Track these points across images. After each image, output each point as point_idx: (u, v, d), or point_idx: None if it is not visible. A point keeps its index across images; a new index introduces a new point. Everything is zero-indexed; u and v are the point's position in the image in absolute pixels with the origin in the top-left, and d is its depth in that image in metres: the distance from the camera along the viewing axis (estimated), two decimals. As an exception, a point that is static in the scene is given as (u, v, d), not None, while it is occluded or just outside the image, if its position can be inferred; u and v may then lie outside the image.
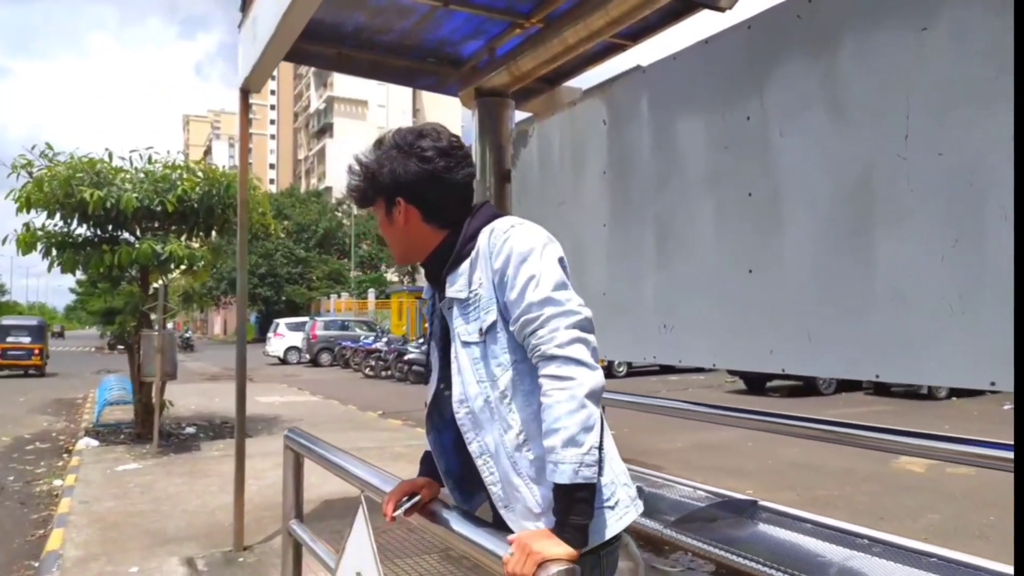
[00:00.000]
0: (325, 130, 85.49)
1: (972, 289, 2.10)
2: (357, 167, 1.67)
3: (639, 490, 1.60)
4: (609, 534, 1.48)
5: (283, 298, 46.02)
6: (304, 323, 28.69)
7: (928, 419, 11.12)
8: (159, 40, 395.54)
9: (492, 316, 1.51)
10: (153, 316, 8.75)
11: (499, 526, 1.59)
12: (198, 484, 6.57)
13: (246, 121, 4.47)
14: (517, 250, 1.48)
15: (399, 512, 1.75)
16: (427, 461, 1.81)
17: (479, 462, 1.56)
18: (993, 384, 2.06)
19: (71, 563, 4.38)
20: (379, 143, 1.65)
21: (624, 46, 4.59)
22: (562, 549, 1.32)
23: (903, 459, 7.67)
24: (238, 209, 4.58)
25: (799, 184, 2.65)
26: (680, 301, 3.13)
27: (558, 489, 1.37)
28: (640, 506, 1.59)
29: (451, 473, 1.72)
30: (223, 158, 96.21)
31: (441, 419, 1.70)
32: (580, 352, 1.40)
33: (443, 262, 1.61)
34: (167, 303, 8.35)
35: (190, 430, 9.63)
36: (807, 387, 14.85)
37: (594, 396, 1.39)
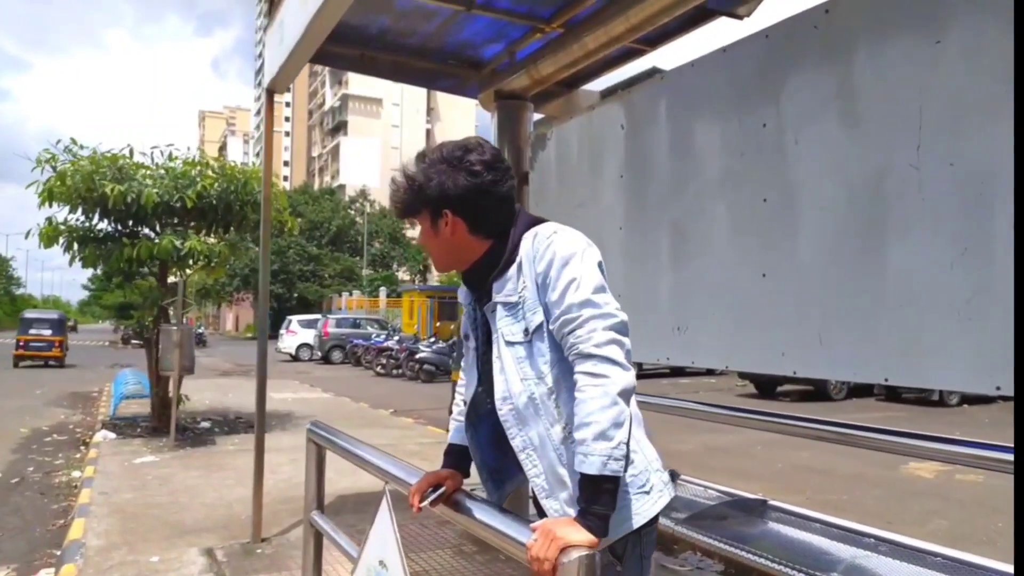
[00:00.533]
0: (339, 128, 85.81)
1: (980, 296, 2.15)
2: (403, 179, 1.71)
3: (672, 475, 1.68)
4: (647, 517, 1.57)
5: (295, 295, 46.29)
6: (316, 320, 28.86)
7: (939, 425, 11.10)
8: (176, 36, 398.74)
9: (539, 317, 1.58)
10: (171, 311, 8.89)
11: (541, 513, 1.66)
12: (215, 477, 6.68)
13: (271, 121, 4.57)
14: (560, 254, 1.56)
15: (425, 503, 1.82)
16: (451, 454, 1.89)
17: (522, 456, 1.63)
18: (998, 389, 2.12)
19: (93, 552, 4.48)
20: (422, 156, 1.72)
21: (643, 51, 4.66)
22: (584, 536, 1.39)
23: (912, 464, 7.70)
24: (262, 206, 4.67)
25: (813, 190, 2.71)
26: (694, 304, 3.19)
27: (585, 479, 1.45)
28: (672, 490, 1.67)
29: (486, 465, 1.80)
30: (238, 154, 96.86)
31: (477, 416, 1.79)
32: (615, 352, 1.47)
33: (489, 269, 1.68)
34: (186, 298, 8.47)
35: (205, 425, 9.76)
36: (818, 392, 14.86)
37: (626, 395, 1.47)
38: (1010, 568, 2.35)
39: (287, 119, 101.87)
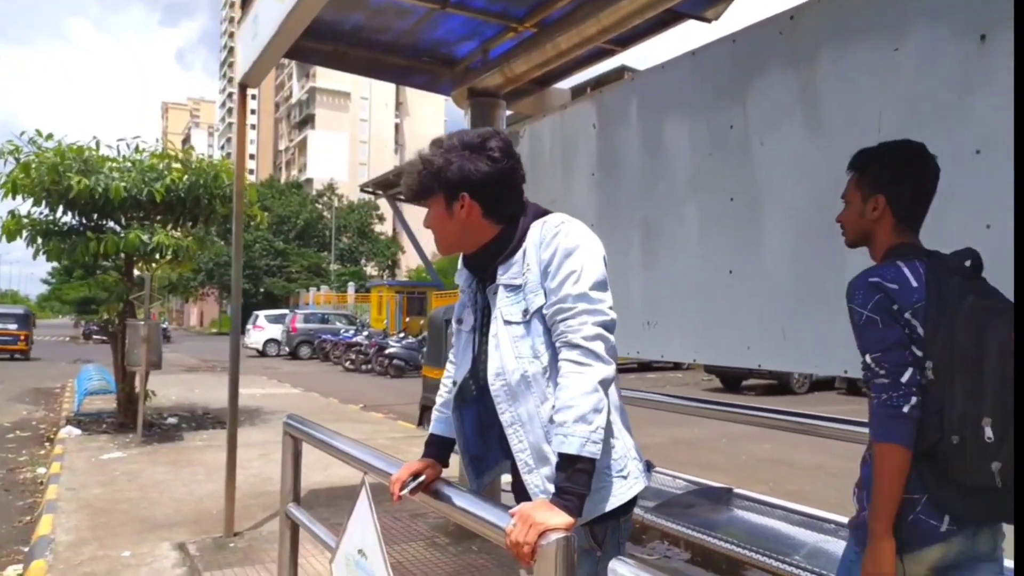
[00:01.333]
0: (307, 121, 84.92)
1: (934, 292, 2.27)
2: (420, 163, 1.76)
3: (648, 465, 1.77)
4: (622, 500, 1.66)
5: (261, 290, 45.82)
6: (284, 315, 28.62)
7: (897, 418, 11.38)
8: (141, 26, 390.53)
9: (540, 299, 1.66)
10: (137, 305, 8.80)
11: (520, 491, 1.73)
12: (184, 473, 6.65)
13: (244, 115, 4.57)
14: (564, 245, 1.64)
15: (405, 492, 1.87)
16: (432, 444, 1.94)
17: (509, 431, 1.70)
18: (951, 380, 2.24)
19: (63, 547, 4.46)
20: (439, 142, 1.77)
21: (614, 51, 4.74)
22: (561, 519, 1.46)
23: (872, 455, 7.92)
24: (234, 202, 4.67)
25: (777, 190, 2.82)
26: (663, 299, 3.29)
27: (564, 458, 1.52)
28: (648, 479, 1.76)
29: (468, 451, 1.86)
30: (202, 147, 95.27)
31: (463, 402, 1.84)
32: (600, 348, 1.57)
33: (497, 253, 1.75)
34: (153, 293, 8.39)
35: (172, 420, 9.68)
36: (781, 386, 15.18)
37: (605, 384, 1.56)
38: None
39: (253, 112, 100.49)
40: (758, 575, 3.66)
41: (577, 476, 1.51)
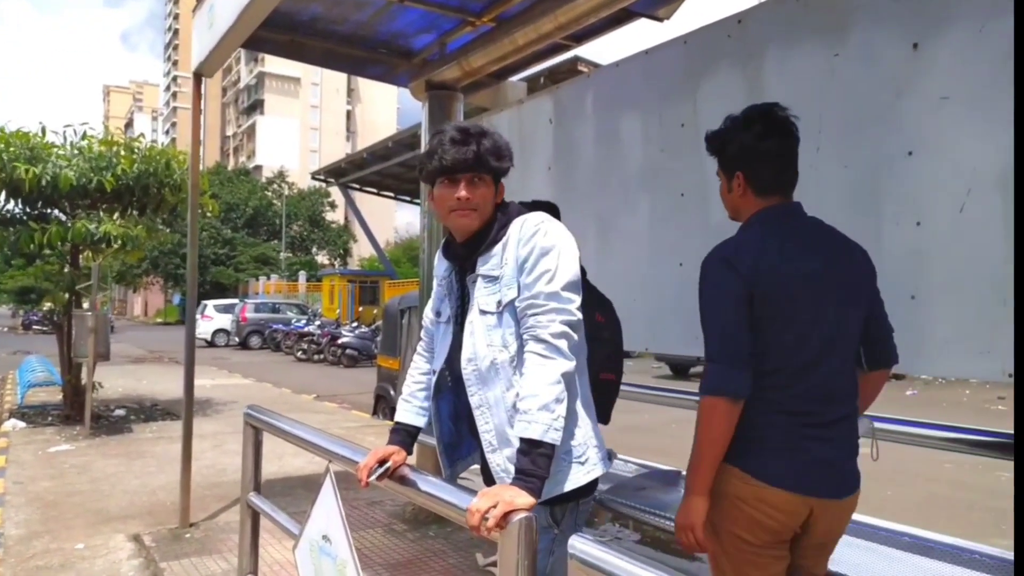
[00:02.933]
0: (255, 107, 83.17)
1: (868, 285, 2.42)
2: (491, 139, 1.83)
3: (609, 454, 1.88)
4: (578, 483, 1.77)
5: (209, 280, 44.92)
6: (233, 305, 28.17)
7: (838, 404, 11.82)
8: (83, 5, 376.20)
9: (513, 292, 1.76)
10: (84, 295, 8.62)
11: (488, 474, 1.83)
12: (135, 465, 6.58)
13: (199, 106, 4.53)
14: (541, 244, 1.74)
15: (372, 479, 1.94)
16: (397, 431, 2.01)
17: (477, 412, 1.81)
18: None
19: (14, 541, 4.40)
20: (480, 127, 1.87)
21: (569, 46, 4.84)
22: (525, 499, 1.55)
23: (814, 440, 8.23)
24: (189, 192, 4.63)
25: (725, 187, 2.94)
26: (616, 291, 3.38)
27: (527, 443, 1.62)
28: (608, 465, 1.88)
29: (442, 439, 1.95)
30: (145, 131, 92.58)
31: (439, 392, 1.94)
32: (564, 344, 1.68)
33: (479, 243, 1.84)
34: (101, 283, 8.22)
35: (120, 412, 9.50)
36: (728, 373, 15.54)
37: (566, 377, 1.67)
38: (896, 526, 2.64)
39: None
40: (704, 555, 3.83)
41: (539, 460, 1.61)
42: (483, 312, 1.81)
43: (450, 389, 1.93)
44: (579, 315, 1.73)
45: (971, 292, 2.13)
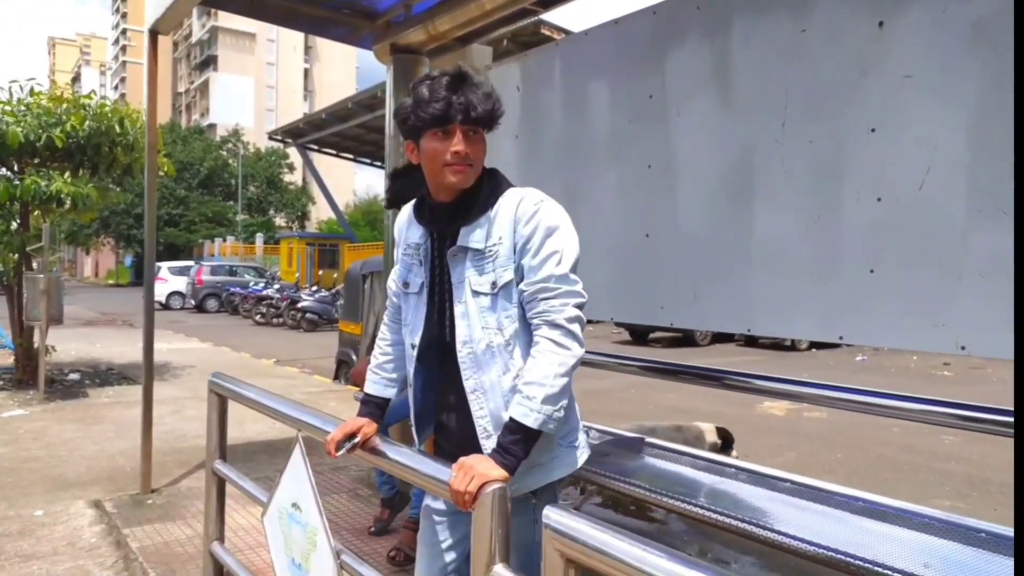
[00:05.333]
0: (209, 62, 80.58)
1: (829, 258, 2.49)
2: (495, 92, 1.78)
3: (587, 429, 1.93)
4: (574, 467, 1.83)
5: (162, 240, 43.91)
6: (188, 267, 27.66)
7: (791, 367, 12.17)
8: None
9: (509, 275, 1.70)
10: (35, 257, 8.38)
11: (440, 450, 1.84)
12: (93, 430, 6.48)
13: (155, 65, 4.39)
14: (546, 223, 1.69)
15: (342, 452, 1.95)
16: (368, 403, 2.01)
17: (471, 397, 1.76)
18: (841, 338, 2.48)
19: (-31, 508, 4.34)
20: (475, 77, 1.75)
21: (536, 12, 4.78)
22: (500, 472, 1.58)
23: (766, 403, 8.48)
24: (146, 153, 4.51)
25: (691, 159, 2.98)
26: (584, 260, 3.42)
27: (519, 426, 1.62)
28: (588, 449, 1.91)
29: (415, 409, 1.93)
30: (94, 86, 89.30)
31: (426, 359, 1.87)
32: (578, 329, 1.66)
33: (464, 210, 1.75)
34: (53, 245, 8.00)
35: (74, 376, 9.33)
36: (685, 338, 15.87)
37: (576, 367, 1.67)
38: (843, 489, 2.75)
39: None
40: (663, 515, 3.94)
41: (526, 444, 1.63)
42: (476, 293, 1.74)
43: (425, 363, 1.88)
44: (586, 296, 1.70)
45: (927, 267, 2.21)
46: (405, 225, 1.93)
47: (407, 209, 1.95)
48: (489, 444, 1.76)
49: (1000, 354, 2.02)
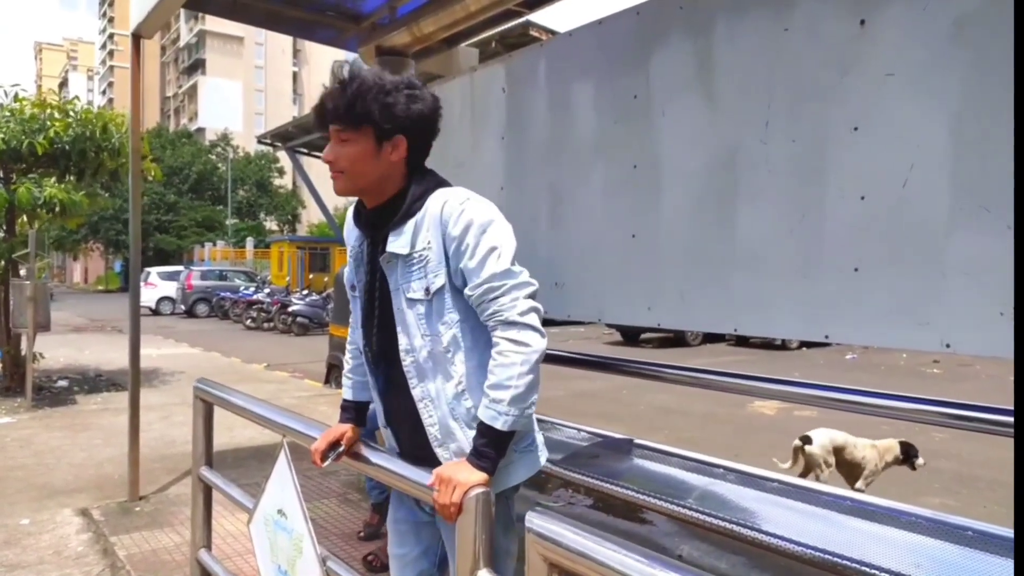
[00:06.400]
0: (197, 66, 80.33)
1: (814, 257, 2.49)
2: (358, 84, 1.62)
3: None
4: (532, 471, 1.81)
5: (152, 246, 43.69)
6: (178, 272, 27.51)
7: (781, 367, 12.20)
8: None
9: (441, 280, 1.65)
10: (21, 263, 8.32)
11: (414, 460, 1.79)
12: (80, 438, 6.44)
13: (138, 68, 4.36)
14: (477, 221, 1.63)
15: (327, 463, 1.93)
16: (347, 409, 1.98)
17: (420, 405, 1.74)
18: (827, 337, 2.47)
19: (-47, 518, 4.29)
20: (380, 76, 1.65)
21: (521, 13, 4.78)
22: (479, 476, 1.57)
23: (757, 403, 8.49)
24: (131, 159, 4.48)
25: (676, 160, 2.97)
26: (571, 261, 3.42)
27: (490, 430, 1.60)
28: (546, 450, 1.89)
29: (382, 412, 1.90)
30: (81, 92, 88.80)
31: (375, 366, 1.84)
32: (535, 320, 1.62)
33: (389, 214, 1.70)
34: (40, 252, 7.94)
35: (62, 383, 9.27)
36: (676, 339, 15.89)
37: (540, 362, 1.62)
38: (829, 488, 2.76)
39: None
40: (653, 517, 3.94)
41: (498, 444, 1.61)
42: (412, 301, 1.69)
43: (378, 367, 1.84)
44: (536, 283, 1.65)
45: (912, 265, 2.20)
46: (349, 228, 1.88)
47: (351, 211, 1.90)
48: (441, 452, 1.73)
49: (985, 352, 2.02)
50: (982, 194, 2.04)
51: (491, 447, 1.61)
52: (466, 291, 1.66)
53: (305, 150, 21.01)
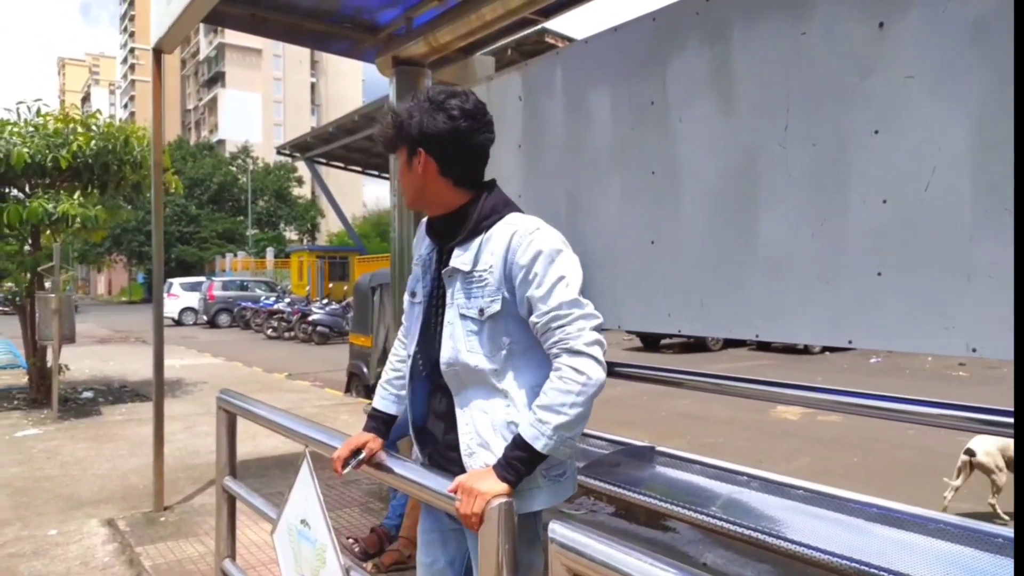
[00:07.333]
0: (216, 79, 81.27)
1: (835, 262, 2.46)
2: (389, 115, 1.80)
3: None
4: (559, 499, 1.79)
5: (174, 257, 44.18)
6: (200, 283, 27.83)
7: (804, 371, 12.09)
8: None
9: (496, 306, 1.69)
10: (47, 277, 8.44)
11: (443, 461, 1.82)
12: (106, 448, 6.51)
13: (159, 84, 4.43)
14: (546, 250, 1.66)
15: (347, 470, 1.95)
16: (374, 418, 2.00)
17: (458, 414, 1.77)
18: (850, 342, 2.45)
19: (-17, 528, 4.35)
20: (415, 96, 1.80)
21: (536, 21, 4.79)
22: (501, 487, 1.58)
23: (779, 408, 8.41)
24: (153, 172, 4.54)
25: (694, 166, 2.96)
26: (589, 269, 3.38)
27: (527, 447, 1.60)
28: (575, 484, 1.88)
29: (415, 423, 1.93)
30: (103, 106, 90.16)
31: (416, 373, 1.88)
32: (599, 352, 1.63)
33: (455, 227, 1.78)
34: (64, 265, 8.06)
35: (88, 394, 9.39)
36: (697, 344, 15.79)
37: (595, 396, 1.64)
38: (860, 496, 2.72)
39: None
40: (676, 525, 3.91)
41: (530, 463, 1.62)
42: (464, 316, 1.74)
43: (422, 375, 1.88)
44: (600, 317, 1.68)
45: (936, 269, 2.18)
46: (420, 237, 1.96)
47: (423, 221, 1.97)
48: (471, 462, 1.75)
49: (1012, 355, 1.99)
50: (1005, 196, 2.02)
51: (522, 464, 1.61)
52: (532, 318, 1.68)
53: (324, 160, 21.23)
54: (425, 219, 1.93)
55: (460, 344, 1.74)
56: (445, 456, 1.82)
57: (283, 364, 13.74)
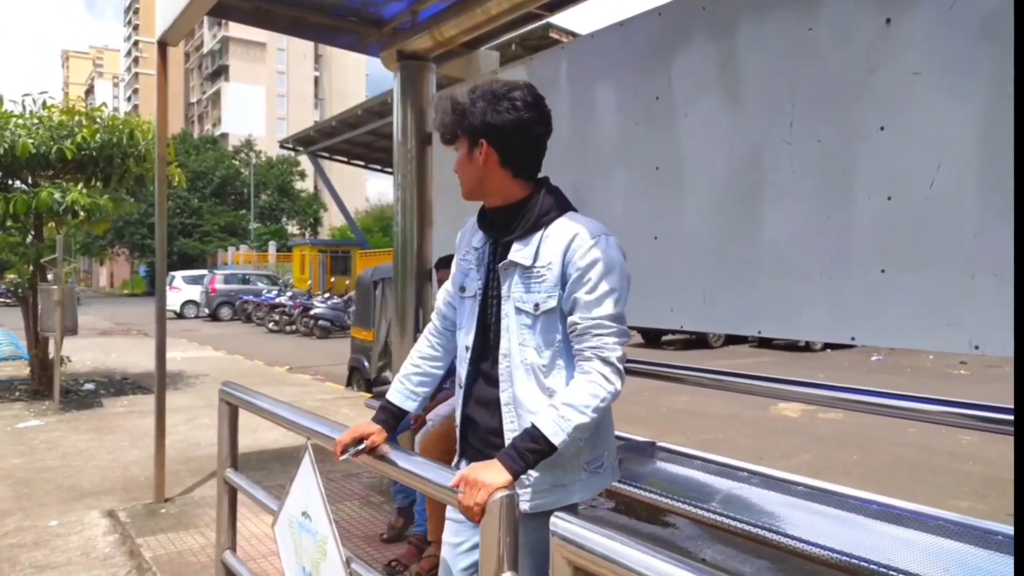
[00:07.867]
0: (220, 72, 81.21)
1: (839, 258, 2.46)
2: (449, 105, 1.79)
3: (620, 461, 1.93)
4: (595, 492, 1.84)
5: (176, 250, 44.21)
6: (202, 276, 27.84)
7: (805, 368, 12.09)
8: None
9: (552, 303, 1.72)
10: (50, 268, 8.45)
11: (483, 446, 1.84)
12: (107, 440, 6.52)
13: (164, 76, 4.42)
14: (605, 260, 1.69)
15: (346, 456, 1.94)
16: (385, 410, 2.00)
17: (505, 409, 1.79)
18: (853, 339, 2.45)
19: (-15, 518, 4.36)
20: (473, 89, 1.79)
21: (542, 15, 4.78)
22: (504, 477, 1.57)
23: (780, 405, 8.41)
24: (156, 165, 4.54)
25: (699, 161, 2.96)
26: (592, 264, 3.42)
27: (543, 439, 1.62)
28: (617, 473, 1.92)
29: (461, 416, 1.92)
30: (107, 98, 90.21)
31: (472, 364, 1.89)
32: (622, 366, 1.70)
33: (513, 220, 1.79)
34: (67, 257, 8.07)
35: (89, 386, 9.40)
36: (698, 341, 15.79)
37: (614, 400, 1.69)
38: (859, 492, 2.72)
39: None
40: (676, 520, 3.91)
41: (540, 456, 1.63)
42: (520, 310, 1.77)
43: (475, 366, 1.89)
44: (630, 334, 1.75)
45: (939, 266, 2.18)
46: (470, 231, 1.96)
47: (473, 217, 1.98)
48: None
49: (1015, 353, 1.99)
50: (1011, 193, 2.01)
51: (533, 455, 1.62)
52: (572, 318, 1.71)
53: (327, 154, 21.24)
54: (478, 211, 1.93)
55: (514, 337, 1.77)
56: (487, 441, 1.83)
57: (284, 358, 13.75)
